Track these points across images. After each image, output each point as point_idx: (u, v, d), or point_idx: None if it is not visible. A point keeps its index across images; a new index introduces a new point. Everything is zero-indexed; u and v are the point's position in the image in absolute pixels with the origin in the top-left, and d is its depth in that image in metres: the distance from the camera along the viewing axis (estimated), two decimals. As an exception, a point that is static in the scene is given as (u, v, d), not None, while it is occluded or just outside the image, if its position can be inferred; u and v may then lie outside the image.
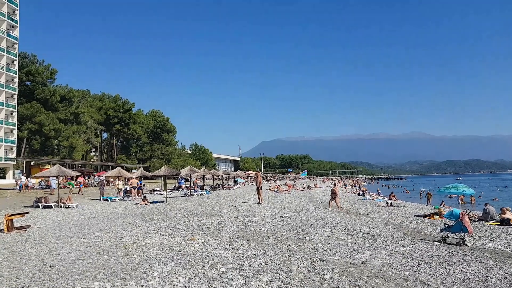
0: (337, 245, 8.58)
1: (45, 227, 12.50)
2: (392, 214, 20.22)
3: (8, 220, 11.78)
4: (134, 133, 74.48)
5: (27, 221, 14.01)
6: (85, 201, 24.26)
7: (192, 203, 20.71)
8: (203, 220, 12.75)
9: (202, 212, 15.68)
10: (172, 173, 23.01)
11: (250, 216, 13.83)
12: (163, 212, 16.02)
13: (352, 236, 10.13)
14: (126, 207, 20.02)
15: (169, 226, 11.67)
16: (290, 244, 8.31)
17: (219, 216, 13.86)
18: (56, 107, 58.19)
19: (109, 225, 12.34)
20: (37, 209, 18.76)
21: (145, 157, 77.92)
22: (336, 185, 23.78)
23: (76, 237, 10.06)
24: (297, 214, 15.32)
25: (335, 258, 7.04)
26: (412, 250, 8.81)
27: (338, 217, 15.50)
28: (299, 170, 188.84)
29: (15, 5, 57.31)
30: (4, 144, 52.50)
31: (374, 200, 29.88)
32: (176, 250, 7.87)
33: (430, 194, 36.68)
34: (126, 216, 15.13)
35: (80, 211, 17.84)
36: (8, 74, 54.36)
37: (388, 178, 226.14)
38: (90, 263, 6.89)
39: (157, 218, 13.89)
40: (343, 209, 21.69)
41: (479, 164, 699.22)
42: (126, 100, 76.18)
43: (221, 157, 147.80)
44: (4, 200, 23.40)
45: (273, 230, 10.66)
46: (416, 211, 22.02)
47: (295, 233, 10.17)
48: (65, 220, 14.57)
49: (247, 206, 18.29)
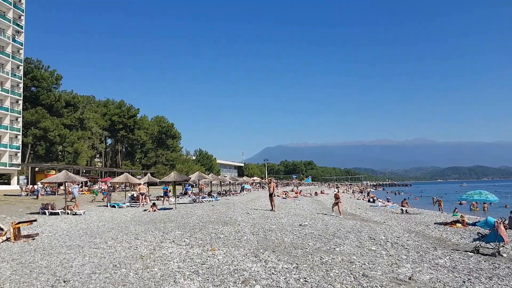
0: (372, 257, 7.92)
1: (54, 236, 11.89)
2: (410, 221, 19.51)
3: (15, 228, 11.17)
4: (138, 138, 74.05)
5: (34, 229, 13.41)
6: (92, 207, 23.66)
7: (202, 210, 20.06)
8: (219, 229, 12.10)
9: (216, 219, 15.03)
10: (181, 179, 22.40)
11: (268, 224, 13.16)
12: (175, 220, 15.38)
13: (382, 247, 9.46)
14: (135, 214, 19.40)
15: (185, 235, 11.03)
16: (322, 257, 7.64)
17: (235, 224, 13.20)
18: (61, 113, 57.90)
19: (121, 233, 11.71)
20: (44, 216, 18.18)
21: (149, 163, 77.40)
22: (338, 191, 22.97)
23: (88, 247, 9.43)
24: (315, 222, 14.65)
25: (378, 273, 6.38)
26: (451, 263, 8.14)
27: (357, 225, 14.83)
28: (303, 176, 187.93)
29: (20, 10, 57.26)
30: (9, 150, 52.13)
31: (387, 207, 29.12)
32: (199, 263, 7.22)
33: (441, 201, 35.82)
34: (137, 223, 14.50)
35: (88, 218, 17.23)
36: (14, 80, 54.15)
37: (393, 184, 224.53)
38: (107, 277, 6.26)
39: (170, 226, 13.25)
40: (358, 217, 21.00)
41: (484, 170, 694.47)
42: (131, 106, 75.92)
43: (225, 163, 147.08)
44: (9, 206, 22.83)
45: (297, 239, 9.99)
46: (434, 219, 21.30)
47: (322, 243, 9.50)
48: (74, 227, 13.95)
49: (261, 214, 17.61)
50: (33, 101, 57.21)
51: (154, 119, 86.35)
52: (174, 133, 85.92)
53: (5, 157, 51.70)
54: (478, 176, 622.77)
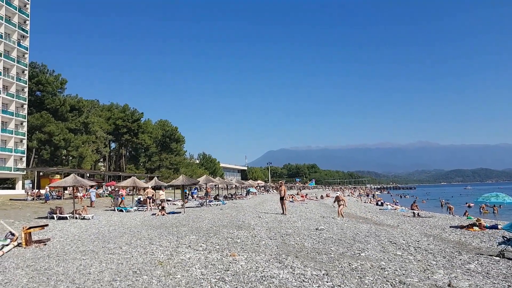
0: (402, 263, 7.60)
1: (65, 241, 11.61)
2: (425, 225, 19.17)
3: (27, 233, 10.91)
4: (142, 142, 73.92)
5: (44, 234, 13.16)
6: (100, 211, 23.41)
7: (212, 214, 19.77)
8: (234, 233, 11.80)
9: (228, 223, 14.72)
10: (190, 182, 22.13)
11: (283, 228, 12.85)
12: (187, 224, 15.09)
13: (407, 252, 9.14)
14: (144, 218, 19.11)
15: (200, 239, 10.73)
16: (350, 263, 7.33)
17: (250, 228, 12.89)
18: (66, 117, 57.86)
19: (134, 238, 11.43)
20: (52, 221, 17.93)
21: (153, 167, 77.22)
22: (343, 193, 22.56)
23: (103, 252, 9.15)
24: (330, 226, 14.33)
25: (415, 280, 6.06)
26: (483, 268, 7.81)
27: (373, 229, 14.49)
28: (307, 180, 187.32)
29: (26, 15, 57.38)
30: (14, 154, 52.08)
31: (397, 211, 28.74)
32: (222, 269, 6.93)
33: (451, 207, 35.41)
34: (149, 228, 14.22)
35: (97, 223, 16.96)
36: (19, 84, 54.20)
37: (397, 187, 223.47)
38: (130, 285, 5.97)
39: (183, 230, 12.97)
40: (370, 220, 20.69)
41: (488, 173, 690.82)
42: (135, 110, 75.85)
43: (228, 167, 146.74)
44: (17, 211, 22.61)
45: (318, 244, 9.68)
46: (448, 222, 20.94)
47: (344, 248, 9.18)
48: (85, 232, 13.68)
49: (273, 217, 17.30)
50: (38, 105, 57.21)
51: (158, 122, 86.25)
52: (178, 137, 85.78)
53: (10, 162, 51.63)
54: (482, 178, 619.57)
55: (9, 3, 54.08)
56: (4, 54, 52.12)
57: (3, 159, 50.97)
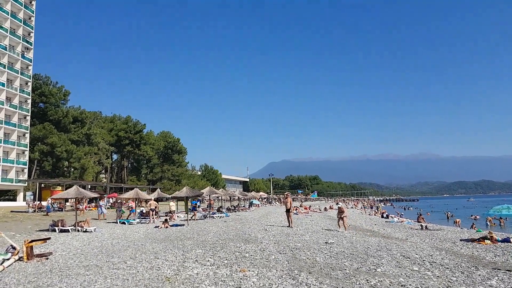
0: (421, 279, 7.25)
1: (68, 255, 11.28)
2: (434, 238, 18.73)
3: (28, 247, 10.58)
4: (145, 154, 73.71)
5: (46, 247, 12.82)
6: (102, 224, 23.04)
7: (216, 227, 19.39)
8: (241, 247, 11.44)
9: (234, 237, 14.36)
10: (194, 194, 21.80)
11: (292, 242, 12.49)
12: (192, 237, 14.73)
13: (423, 267, 8.78)
14: (147, 230, 18.75)
15: (207, 253, 10.38)
16: (368, 279, 6.98)
17: (257, 242, 12.54)
18: (68, 128, 57.82)
19: (138, 252, 11.08)
20: (54, 233, 17.59)
21: (155, 179, 76.90)
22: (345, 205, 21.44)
23: (107, 267, 8.82)
24: (339, 240, 13.95)
25: (440, 299, 5.73)
26: (505, 284, 7.46)
27: (382, 243, 14.11)
28: (309, 191, 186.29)
29: (30, 27, 57.78)
30: (15, 165, 51.88)
31: (403, 223, 28.27)
32: (233, 286, 6.60)
33: (458, 220, 34.90)
34: (153, 241, 13.87)
35: (100, 236, 16.61)
36: (22, 96, 54.27)
37: (400, 199, 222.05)
38: (137, 304, 5.64)
39: (189, 244, 12.61)
40: (378, 233, 20.26)
41: (490, 185, 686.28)
42: (137, 121, 75.89)
43: (230, 178, 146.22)
44: (18, 223, 22.26)
45: (330, 259, 9.32)
46: (457, 235, 20.48)
47: (358, 263, 8.83)
48: (87, 246, 13.34)
49: (279, 230, 16.92)
50: (40, 116, 57.20)
51: (160, 134, 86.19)
52: (180, 148, 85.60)
53: (12, 173, 51.40)
54: (485, 190, 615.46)
55: (14, 16, 54.51)
56: (8, 66, 52.32)
57: (4, 171, 50.74)
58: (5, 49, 52.05)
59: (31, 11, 58.12)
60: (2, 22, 52.48)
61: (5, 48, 52.01)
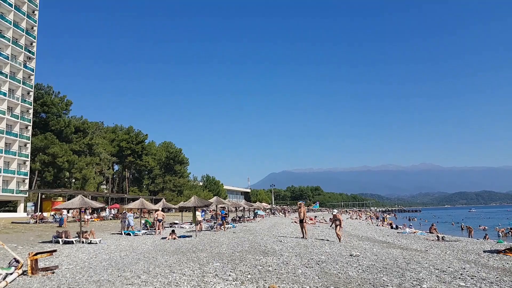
0: (476, 296, 6.49)
1: (75, 268, 10.50)
2: (455, 250, 17.89)
3: (33, 260, 9.82)
4: (146, 164, 72.95)
5: (51, 260, 12.05)
6: (106, 235, 22.22)
7: (227, 238, 18.57)
8: (261, 260, 10.66)
9: (250, 248, 13.57)
10: (202, 204, 21.02)
11: (315, 255, 11.69)
12: (204, 249, 13.93)
13: (469, 282, 8.02)
14: (154, 242, 17.95)
15: (226, 267, 9.61)
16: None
17: (277, 254, 11.75)
18: (70, 139, 57.15)
19: (151, 265, 10.30)
20: (57, 245, 16.81)
21: (157, 189, 76.02)
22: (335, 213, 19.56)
23: (120, 283, 8.05)
24: (361, 251, 13.17)
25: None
26: None
27: (405, 255, 13.33)
28: (311, 202, 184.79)
29: (32, 37, 57.54)
30: (16, 176, 51.09)
31: (416, 234, 27.41)
32: (269, 305, 5.84)
33: (471, 228, 34.09)
34: (164, 253, 13.08)
35: (106, 248, 15.82)
36: (24, 105, 53.73)
37: (402, 210, 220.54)
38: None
39: (203, 256, 11.83)
40: (394, 245, 19.43)
41: (491, 196, 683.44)
42: (139, 132, 75.26)
43: (231, 189, 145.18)
44: (20, 235, 21.45)
45: (364, 273, 8.55)
46: (477, 246, 19.64)
47: (397, 278, 8.06)
48: (94, 258, 12.56)
49: (295, 242, 16.11)
50: (42, 126, 56.58)
51: (162, 144, 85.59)
52: (182, 159, 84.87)
53: (13, 184, 50.60)
54: (486, 201, 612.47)
55: (17, 25, 54.29)
56: (10, 76, 51.87)
57: (5, 181, 49.92)
58: (7, 58, 51.68)
59: (34, 20, 57.94)
60: (4, 31, 52.23)
61: (7, 57, 51.64)
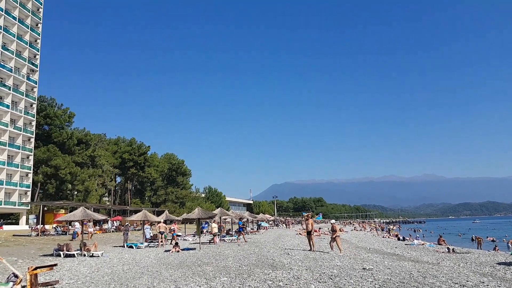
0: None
1: (76, 283, 10.07)
2: (468, 262, 17.34)
3: (32, 274, 9.39)
4: (149, 176, 72.61)
5: (50, 274, 11.61)
6: (108, 248, 21.77)
7: (232, 251, 18.09)
8: (271, 274, 10.20)
9: (257, 262, 13.10)
10: (206, 216, 20.57)
11: (326, 268, 11.20)
12: (209, 262, 13.48)
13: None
14: (158, 255, 17.48)
15: (234, 282, 9.16)
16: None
17: (286, 268, 11.28)
18: (72, 151, 56.98)
19: (156, 280, 9.86)
20: (58, 259, 16.37)
21: (159, 201, 75.44)
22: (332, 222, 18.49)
23: (123, 299, 7.63)
24: (374, 265, 12.67)
25: None
26: None
27: (418, 268, 12.83)
28: (314, 214, 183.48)
29: (36, 50, 57.81)
30: (18, 188, 50.80)
31: (425, 246, 26.79)
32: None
33: (481, 239, 33.40)
34: (168, 267, 12.62)
35: (108, 261, 15.37)
36: (26, 118, 53.71)
37: (406, 221, 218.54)
38: None
39: (209, 270, 11.37)
40: (403, 257, 18.89)
41: (495, 206, 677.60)
42: (142, 143, 75.10)
43: (234, 201, 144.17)
44: (21, 248, 21.01)
45: (381, 288, 8.09)
46: (490, 258, 19.07)
47: (417, 292, 7.61)
48: (96, 272, 12.11)
49: (303, 254, 15.62)
50: (45, 139, 56.48)
51: (164, 156, 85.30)
52: (184, 170, 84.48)
53: (15, 196, 50.27)
54: (490, 212, 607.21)
55: (20, 38, 54.58)
56: (13, 88, 51.95)
57: (7, 193, 49.59)
58: (11, 71, 51.81)
59: (37, 33, 58.27)
60: (8, 44, 52.47)
61: (10, 70, 51.78)
